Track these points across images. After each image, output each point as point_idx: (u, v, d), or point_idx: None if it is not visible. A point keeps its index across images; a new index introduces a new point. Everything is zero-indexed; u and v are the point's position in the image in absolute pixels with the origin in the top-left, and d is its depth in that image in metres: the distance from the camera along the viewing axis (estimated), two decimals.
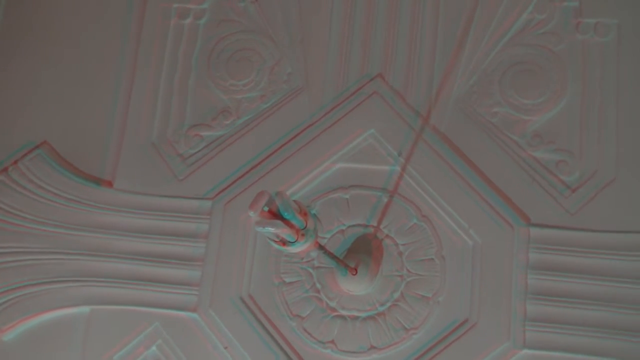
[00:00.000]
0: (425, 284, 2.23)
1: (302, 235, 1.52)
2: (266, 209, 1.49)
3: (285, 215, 1.47)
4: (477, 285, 2.20)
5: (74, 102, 2.56)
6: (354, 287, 2.22)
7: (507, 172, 2.29)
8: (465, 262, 2.23)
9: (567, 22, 2.39)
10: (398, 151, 2.33)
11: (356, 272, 2.16)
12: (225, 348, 2.18)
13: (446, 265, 2.24)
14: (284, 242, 1.56)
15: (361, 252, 2.25)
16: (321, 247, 1.78)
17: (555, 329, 2.14)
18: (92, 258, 2.39)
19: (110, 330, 2.31)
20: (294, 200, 1.50)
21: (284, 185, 2.36)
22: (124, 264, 2.37)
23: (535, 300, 2.17)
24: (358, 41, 2.47)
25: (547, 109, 2.33)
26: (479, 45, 2.41)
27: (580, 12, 2.38)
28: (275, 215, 1.48)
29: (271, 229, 1.49)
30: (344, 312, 2.24)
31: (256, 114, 2.46)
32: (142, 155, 2.47)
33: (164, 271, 2.35)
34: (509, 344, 2.14)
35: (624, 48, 2.34)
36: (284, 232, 1.50)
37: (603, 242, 2.19)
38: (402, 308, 2.22)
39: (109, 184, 2.46)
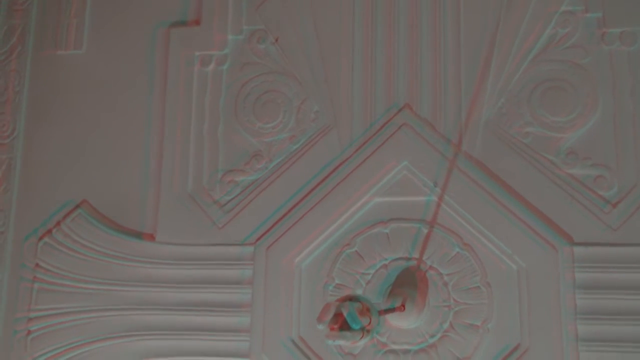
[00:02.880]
0: (473, 312, 2.24)
1: (367, 331, 1.55)
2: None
3: (354, 326, 1.50)
4: (526, 310, 2.20)
5: (108, 159, 2.60)
6: (403, 322, 2.23)
7: (545, 193, 2.28)
8: (512, 287, 2.23)
9: (592, 33, 2.35)
10: (434, 181, 2.33)
11: (404, 308, 2.17)
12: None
13: (493, 292, 2.24)
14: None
15: (406, 286, 2.26)
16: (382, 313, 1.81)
17: (609, 347, 2.14)
18: (141, 312, 2.43)
19: None
20: (358, 300, 1.53)
21: (324, 224, 2.38)
22: (173, 315, 2.41)
23: (585, 320, 2.16)
24: (382, 73, 2.46)
25: (579, 124, 2.31)
26: (504, 66, 2.39)
27: (604, 22, 2.34)
28: (343, 320, 1.51)
29: (341, 342, 1.53)
30: (395, 347, 2.26)
31: (288, 155, 2.48)
32: (180, 206, 2.50)
33: (213, 319, 2.39)
34: None
35: None
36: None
37: None
38: (452, 338, 2.23)
39: (151, 237, 2.50)
